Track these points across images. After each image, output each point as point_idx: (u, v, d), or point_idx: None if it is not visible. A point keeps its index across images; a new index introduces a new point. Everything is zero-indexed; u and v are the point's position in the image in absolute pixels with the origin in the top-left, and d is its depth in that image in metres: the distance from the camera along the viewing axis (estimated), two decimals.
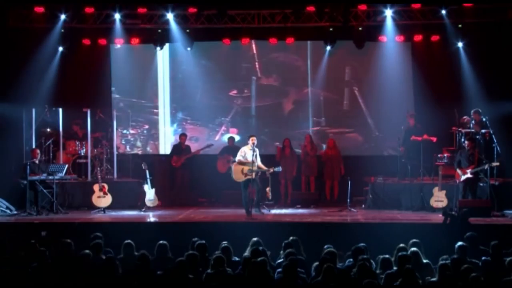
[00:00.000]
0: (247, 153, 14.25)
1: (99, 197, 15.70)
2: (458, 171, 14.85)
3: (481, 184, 15.21)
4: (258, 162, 14.33)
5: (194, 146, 17.98)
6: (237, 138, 18.23)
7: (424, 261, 9.49)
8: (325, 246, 9.78)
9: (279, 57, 18.86)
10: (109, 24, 17.72)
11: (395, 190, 16.17)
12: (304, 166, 17.28)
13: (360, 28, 17.50)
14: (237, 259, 9.89)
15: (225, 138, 18.31)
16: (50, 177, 15.27)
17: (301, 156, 17.38)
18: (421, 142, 16.19)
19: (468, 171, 14.69)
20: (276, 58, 18.88)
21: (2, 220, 14.45)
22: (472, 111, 16.15)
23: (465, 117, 16.30)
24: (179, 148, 17.54)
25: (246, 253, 9.95)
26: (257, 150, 14.37)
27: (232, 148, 17.12)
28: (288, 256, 9.19)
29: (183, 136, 17.70)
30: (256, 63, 18.89)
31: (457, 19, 17.15)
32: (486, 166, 14.66)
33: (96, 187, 15.74)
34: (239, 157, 14.43)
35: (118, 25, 17.66)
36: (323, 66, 18.43)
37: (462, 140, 15.75)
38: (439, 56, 17.81)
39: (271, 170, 14.46)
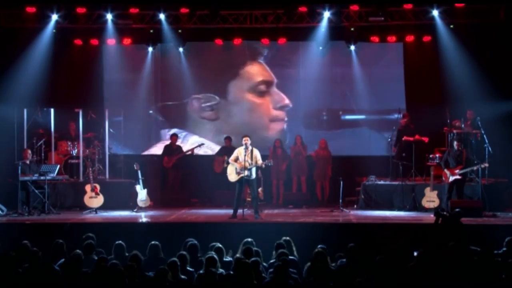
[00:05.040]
0: (241, 153, 14.23)
1: (91, 197, 15.67)
2: (446, 171, 14.89)
3: (472, 185, 15.28)
4: (259, 161, 14.25)
5: (186, 147, 17.98)
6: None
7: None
8: (318, 246, 9.78)
9: (272, 58, 18.85)
10: (101, 24, 17.72)
11: (387, 191, 16.22)
12: (295, 166, 17.29)
13: (352, 29, 17.54)
14: (229, 259, 9.88)
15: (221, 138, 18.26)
16: (42, 178, 15.23)
17: (291, 156, 17.38)
18: (413, 142, 16.23)
19: (457, 171, 14.73)
20: (269, 59, 18.86)
21: None
22: (467, 110, 16.21)
23: (456, 120, 16.33)
24: (170, 148, 17.54)
25: (238, 254, 9.94)
26: (256, 150, 14.31)
27: (229, 148, 17.06)
28: (280, 256, 9.19)
29: (174, 136, 17.72)
30: (249, 64, 18.88)
31: (449, 19, 17.22)
32: (476, 167, 14.73)
33: (88, 187, 15.71)
34: (232, 157, 14.42)
35: (110, 25, 17.67)
36: (315, 66, 18.43)
37: (453, 140, 15.75)
38: (430, 57, 17.87)
39: (263, 164, 14.40)
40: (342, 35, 17.76)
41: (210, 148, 18.64)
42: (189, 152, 17.57)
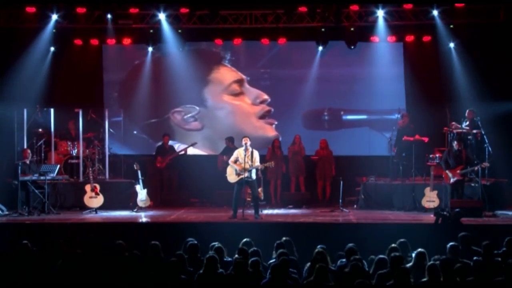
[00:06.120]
0: (240, 154, 14.23)
1: (91, 197, 15.67)
2: (448, 172, 14.85)
3: (472, 185, 15.27)
4: (257, 163, 14.26)
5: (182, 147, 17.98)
6: None
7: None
8: (318, 246, 9.78)
9: (271, 57, 18.84)
10: (101, 24, 17.71)
11: (387, 191, 16.21)
12: (293, 166, 17.24)
13: (352, 29, 17.54)
14: (229, 259, 9.88)
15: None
16: (42, 178, 15.23)
17: (288, 156, 17.34)
18: (413, 142, 16.21)
19: (458, 172, 14.71)
20: (269, 58, 18.85)
21: None
22: (467, 110, 16.21)
23: (453, 123, 16.31)
24: (163, 148, 17.53)
25: (238, 254, 9.94)
26: (256, 152, 14.30)
27: (231, 149, 16.98)
28: (280, 256, 9.19)
29: (166, 136, 17.69)
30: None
31: (449, 19, 17.22)
32: (477, 168, 14.71)
33: (88, 187, 15.71)
34: (232, 158, 14.42)
35: (110, 25, 17.65)
36: (315, 67, 18.43)
37: (453, 140, 15.73)
38: (430, 57, 17.89)
39: (262, 166, 14.42)
40: (342, 35, 17.74)
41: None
42: (182, 152, 17.56)
